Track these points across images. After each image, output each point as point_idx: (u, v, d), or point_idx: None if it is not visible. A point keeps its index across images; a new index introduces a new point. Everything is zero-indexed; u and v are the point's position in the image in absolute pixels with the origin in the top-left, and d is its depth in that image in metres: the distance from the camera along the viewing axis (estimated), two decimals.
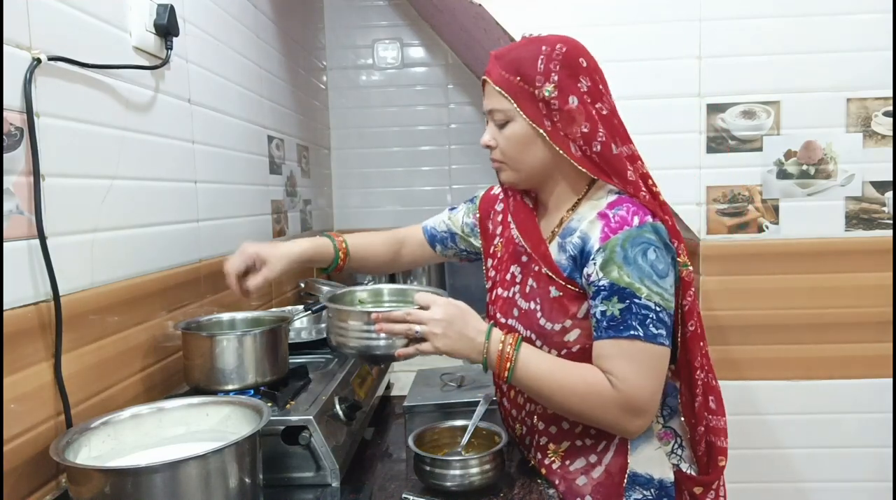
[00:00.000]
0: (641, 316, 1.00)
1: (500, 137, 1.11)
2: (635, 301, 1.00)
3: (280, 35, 2.18)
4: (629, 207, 1.04)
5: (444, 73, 2.83)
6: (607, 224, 1.03)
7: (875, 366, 1.75)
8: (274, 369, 1.21)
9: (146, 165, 1.26)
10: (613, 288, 1.00)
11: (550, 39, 1.08)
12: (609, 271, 1.01)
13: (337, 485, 1.07)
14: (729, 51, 1.72)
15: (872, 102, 1.71)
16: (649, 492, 1.10)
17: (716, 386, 1.14)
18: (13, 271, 0.90)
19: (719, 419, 1.13)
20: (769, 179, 1.75)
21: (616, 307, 1.00)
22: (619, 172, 1.07)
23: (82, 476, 0.81)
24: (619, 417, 1.03)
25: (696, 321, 1.10)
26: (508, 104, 1.07)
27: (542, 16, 1.74)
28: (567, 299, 1.07)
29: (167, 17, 1.27)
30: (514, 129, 1.09)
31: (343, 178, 2.88)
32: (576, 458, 1.14)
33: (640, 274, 1.00)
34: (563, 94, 1.05)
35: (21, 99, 0.92)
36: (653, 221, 1.03)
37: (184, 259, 1.41)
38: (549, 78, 1.05)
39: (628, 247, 1.00)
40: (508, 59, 1.08)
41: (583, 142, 1.06)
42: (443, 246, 1.41)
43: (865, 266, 1.74)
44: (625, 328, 1.00)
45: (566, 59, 1.06)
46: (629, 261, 1.00)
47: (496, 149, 1.13)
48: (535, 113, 1.06)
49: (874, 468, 1.78)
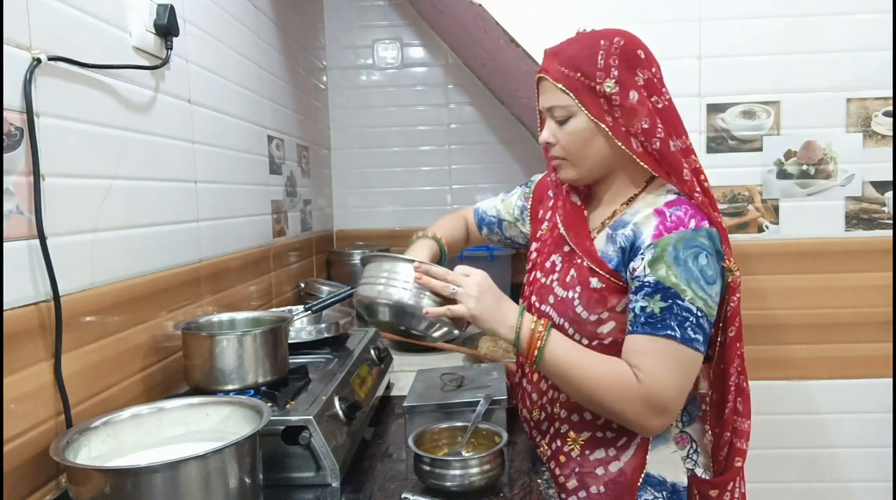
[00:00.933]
0: (682, 318, 1.00)
1: (560, 133, 1.10)
2: (678, 302, 0.99)
3: (280, 35, 2.18)
4: (687, 208, 1.04)
5: (444, 73, 2.83)
6: (662, 222, 1.03)
7: (875, 366, 1.76)
8: (274, 369, 1.21)
9: (146, 165, 1.26)
10: (658, 286, 1.00)
11: (608, 33, 1.09)
12: (657, 269, 1.00)
13: (337, 485, 1.07)
14: (729, 51, 1.72)
15: (872, 102, 1.71)
16: (661, 494, 1.10)
17: (745, 388, 1.14)
18: (13, 271, 0.90)
19: (744, 421, 1.13)
20: (769, 179, 1.75)
21: (657, 305, 1.00)
22: (676, 170, 1.07)
23: (82, 476, 0.81)
24: (641, 412, 1.02)
25: (736, 326, 1.10)
26: (569, 100, 1.07)
27: (542, 16, 1.74)
28: (608, 291, 1.07)
29: (167, 17, 1.27)
30: (575, 124, 1.08)
31: (343, 178, 2.88)
32: (595, 448, 1.14)
33: (688, 276, 0.99)
34: (623, 89, 1.05)
35: (21, 99, 0.92)
36: (709, 227, 1.03)
37: (184, 259, 1.41)
38: (609, 73, 1.05)
39: (681, 248, 1.00)
40: (567, 55, 1.08)
41: (644, 138, 1.06)
42: (489, 230, 1.42)
43: (865, 266, 1.74)
44: (662, 327, 1.00)
45: (624, 52, 1.06)
46: (679, 262, 1.00)
47: (556, 146, 1.12)
48: (597, 108, 1.05)
49: (874, 468, 1.78)
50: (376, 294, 1.10)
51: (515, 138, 2.80)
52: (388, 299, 1.09)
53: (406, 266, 1.09)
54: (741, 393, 1.13)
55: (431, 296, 1.08)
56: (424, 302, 1.07)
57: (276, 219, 2.06)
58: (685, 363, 1.02)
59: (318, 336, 1.51)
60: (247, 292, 1.77)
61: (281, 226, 2.11)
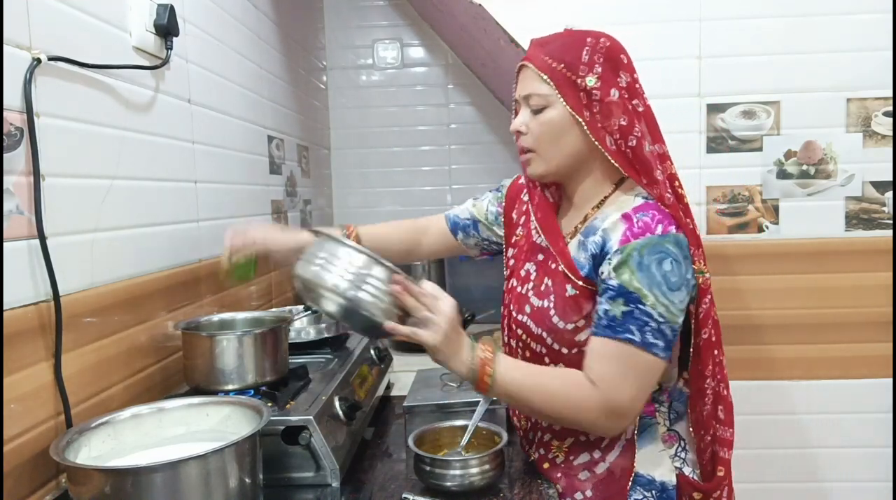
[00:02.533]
0: (641, 322, 0.99)
1: (533, 123, 1.09)
2: (639, 307, 0.99)
3: (280, 35, 2.18)
4: (654, 214, 1.03)
5: (444, 73, 2.83)
6: (630, 227, 1.02)
7: (875, 366, 1.75)
8: (274, 369, 1.21)
9: (146, 165, 1.26)
10: (621, 290, 1.00)
11: (595, 33, 1.09)
12: (621, 273, 1.00)
13: (337, 485, 1.07)
14: (729, 51, 1.72)
15: (872, 102, 1.71)
16: (650, 493, 1.10)
17: (726, 396, 1.13)
18: (13, 271, 0.90)
19: (726, 429, 1.13)
20: (769, 179, 1.75)
21: (619, 309, 1.00)
22: (647, 171, 1.07)
23: (82, 476, 0.81)
24: (597, 417, 1.03)
25: (710, 329, 1.09)
26: (549, 89, 1.06)
27: (542, 16, 1.74)
28: (582, 297, 1.07)
29: (167, 17, 1.27)
30: (551, 115, 1.07)
31: (343, 178, 2.88)
32: (580, 453, 1.14)
33: (651, 282, 0.99)
34: (605, 86, 1.05)
35: (21, 99, 0.92)
36: (676, 232, 1.02)
37: (184, 259, 1.41)
38: (592, 69, 1.05)
39: (645, 253, 1.00)
40: (553, 46, 1.08)
41: (619, 135, 1.06)
42: (465, 234, 1.37)
43: (865, 266, 1.74)
44: (622, 330, 1.00)
45: (609, 52, 1.07)
46: (643, 267, 0.99)
47: (527, 136, 1.10)
48: (576, 101, 1.05)
49: (874, 468, 1.78)
50: (333, 285, 0.98)
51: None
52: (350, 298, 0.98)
53: (381, 271, 0.99)
54: (722, 401, 1.12)
55: (392, 308, 1.00)
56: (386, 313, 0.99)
57: (276, 219, 2.06)
58: (642, 368, 1.01)
59: (318, 336, 1.51)
60: (247, 292, 1.77)
61: (281, 226, 2.11)
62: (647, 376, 1.03)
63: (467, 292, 2.48)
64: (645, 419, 1.12)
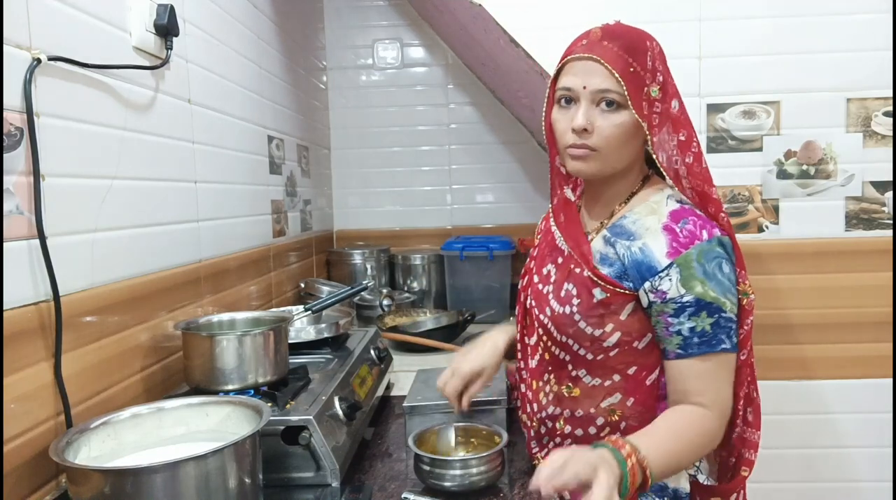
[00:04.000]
0: (728, 329, 1.01)
1: (604, 122, 1.01)
2: (722, 315, 1.00)
3: (280, 35, 2.18)
4: (695, 219, 1.02)
5: (444, 73, 2.83)
6: (675, 239, 1.01)
7: (875, 366, 1.75)
8: (274, 369, 1.21)
9: (146, 165, 1.26)
10: (700, 304, 0.99)
11: (647, 34, 1.05)
12: (692, 287, 0.99)
13: (337, 485, 1.07)
14: (729, 51, 1.72)
15: (872, 102, 1.71)
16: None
17: (756, 399, 1.13)
18: (13, 271, 0.90)
19: (754, 431, 1.12)
20: (769, 179, 1.75)
21: (706, 322, 1.00)
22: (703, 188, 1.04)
23: (82, 477, 0.81)
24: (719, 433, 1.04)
25: (748, 351, 1.08)
26: (621, 89, 0.99)
27: (542, 16, 1.74)
28: (612, 300, 1.05)
29: (167, 17, 1.27)
30: (623, 118, 1.01)
31: (343, 178, 2.88)
32: None
33: (723, 288, 1.00)
34: (666, 96, 1.03)
35: (21, 99, 0.92)
36: (720, 235, 1.02)
37: (184, 259, 1.41)
38: (655, 77, 1.02)
39: (704, 262, 0.99)
40: (623, 41, 1.00)
41: (678, 151, 1.04)
42: None
43: (865, 266, 1.74)
44: (717, 343, 1.01)
45: (662, 57, 1.04)
46: (710, 276, 0.99)
47: (593, 135, 1.02)
48: (642, 108, 1.00)
49: (874, 468, 1.78)
50: None
51: (515, 138, 2.80)
52: None
53: None
54: (751, 403, 1.12)
55: None
56: None
57: (276, 219, 2.06)
58: (733, 368, 1.05)
59: (318, 336, 1.51)
60: (247, 292, 1.77)
61: (281, 226, 2.11)
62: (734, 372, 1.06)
63: (467, 292, 2.48)
64: None
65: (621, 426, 1.09)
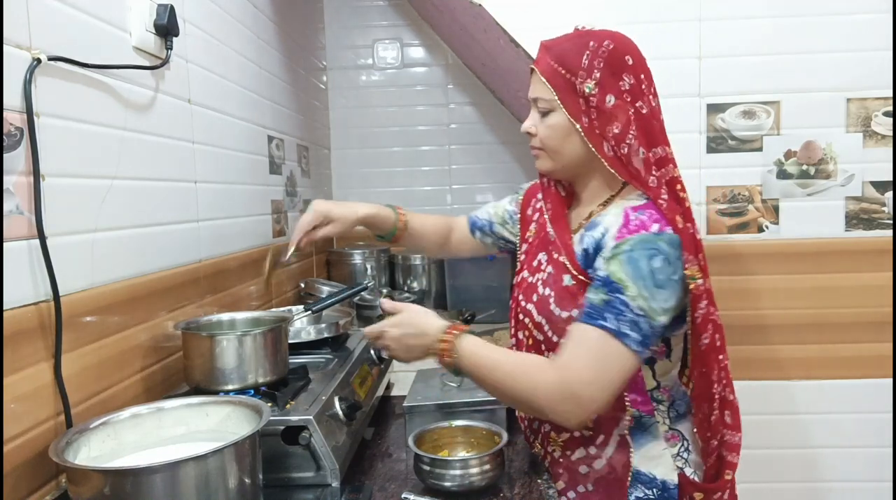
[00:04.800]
0: (618, 311, 0.99)
1: (540, 125, 1.13)
2: (619, 296, 0.99)
3: (280, 35, 2.18)
4: (652, 212, 1.04)
5: (444, 73, 2.83)
6: (626, 224, 1.03)
7: (875, 366, 1.76)
8: (274, 369, 1.21)
9: (146, 165, 1.26)
10: (606, 280, 1.01)
11: (600, 35, 1.10)
12: (610, 265, 1.02)
13: (337, 485, 1.07)
14: (729, 51, 1.72)
15: (872, 102, 1.71)
16: (651, 492, 1.10)
17: (733, 401, 1.13)
18: (13, 271, 0.90)
19: (734, 434, 1.12)
20: (769, 179, 1.75)
21: (600, 297, 1.01)
22: (641, 177, 1.07)
23: (82, 477, 0.81)
24: (553, 399, 1.00)
25: (711, 334, 1.08)
26: (551, 95, 1.09)
27: (542, 16, 1.74)
28: (578, 289, 1.08)
29: (167, 17, 1.27)
30: (555, 119, 1.11)
31: (343, 178, 2.88)
32: (576, 448, 1.14)
33: (636, 274, 0.99)
34: (602, 92, 1.06)
35: (21, 99, 0.92)
36: (671, 233, 1.02)
37: (184, 259, 1.41)
38: (591, 74, 1.07)
39: (637, 248, 1.01)
40: (557, 50, 1.10)
41: (614, 142, 1.07)
42: (482, 233, 1.44)
43: (865, 266, 1.74)
44: (598, 317, 1.00)
45: (611, 56, 1.07)
46: (632, 260, 1.00)
47: (536, 137, 1.15)
48: (575, 108, 1.08)
49: (874, 468, 1.78)
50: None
51: (515, 138, 2.80)
52: None
53: None
54: (728, 406, 1.12)
55: None
56: None
57: (276, 219, 2.06)
58: (610, 357, 1.00)
59: (318, 336, 1.51)
60: (247, 292, 1.77)
61: (281, 226, 2.11)
62: (614, 365, 1.00)
63: (467, 292, 2.48)
64: (644, 417, 1.12)
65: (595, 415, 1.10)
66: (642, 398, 1.12)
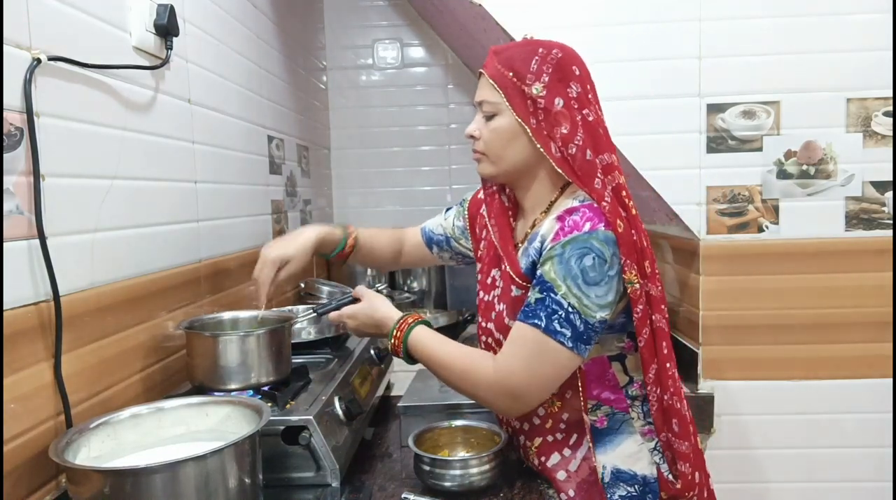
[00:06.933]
0: (551, 310, 1.02)
1: (484, 129, 1.14)
2: (550, 295, 1.02)
3: (280, 35, 2.18)
4: (585, 212, 1.05)
5: (444, 73, 2.83)
6: (561, 228, 1.05)
7: (875, 366, 1.75)
8: (278, 369, 1.21)
9: (146, 165, 1.26)
10: (540, 280, 1.04)
11: (548, 44, 1.11)
12: (544, 266, 1.04)
13: (337, 485, 1.07)
14: (729, 51, 1.72)
15: (872, 102, 1.70)
16: (633, 488, 1.10)
17: (679, 409, 1.10)
18: (13, 271, 0.90)
19: (682, 442, 1.10)
20: (769, 179, 1.75)
21: (534, 297, 1.04)
22: (587, 177, 1.08)
23: (81, 477, 0.81)
24: (492, 394, 1.07)
25: (646, 337, 1.08)
26: (498, 97, 1.10)
27: (542, 16, 1.74)
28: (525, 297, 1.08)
29: (167, 17, 1.27)
30: (500, 122, 1.11)
31: (343, 178, 2.88)
32: (550, 454, 1.15)
33: (566, 273, 1.02)
34: (550, 94, 1.08)
35: (21, 99, 0.92)
36: (604, 230, 1.03)
37: (184, 259, 1.41)
38: (539, 78, 1.08)
39: (568, 248, 1.02)
40: (506, 55, 1.11)
41: (561, 143, 1.08)
42: (439, 248, 1.44)
43: (865, 266, 1.74)
44: (531, 316, 1.03)
45: (559, 63, 1.09)
46: (562, 260, 1.02)
47: (479, 140, 1.15)
48: (523, 109, 1.08)
49: (874, 468, 1.78)
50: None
51: None
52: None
53: None
54: (675, 414, 1.10)
55: None
56: None
57: (276, 219, 2.06)
58: (544, 354, 1.03)
59: (319, 336, 1.51)
60: (247, 292, 1.77)
61: (281, 226, 2.11)
62: (548, 361, 1.04)
63: (467, 293, 2.48)
64: (617, 414, 1.13)
65: (563, 416, 1.13)
66: (616, 396, 1.13)
